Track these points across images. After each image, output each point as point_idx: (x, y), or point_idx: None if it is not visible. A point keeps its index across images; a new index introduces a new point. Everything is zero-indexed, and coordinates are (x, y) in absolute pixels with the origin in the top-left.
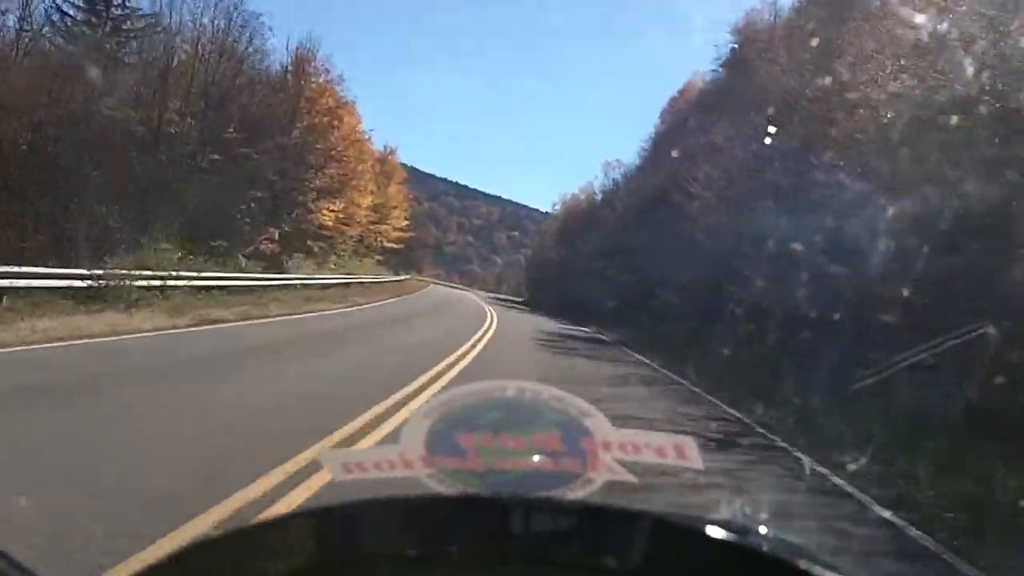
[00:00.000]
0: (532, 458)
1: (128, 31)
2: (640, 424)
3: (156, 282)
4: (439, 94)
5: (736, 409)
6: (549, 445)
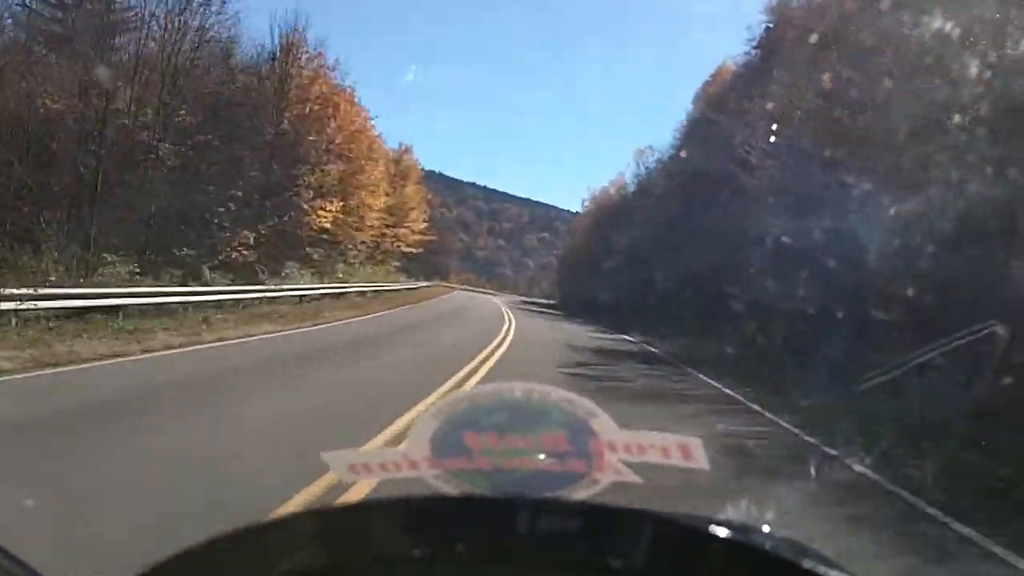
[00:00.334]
0: (538, 458)
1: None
2: None
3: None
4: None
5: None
6: (555, 446)
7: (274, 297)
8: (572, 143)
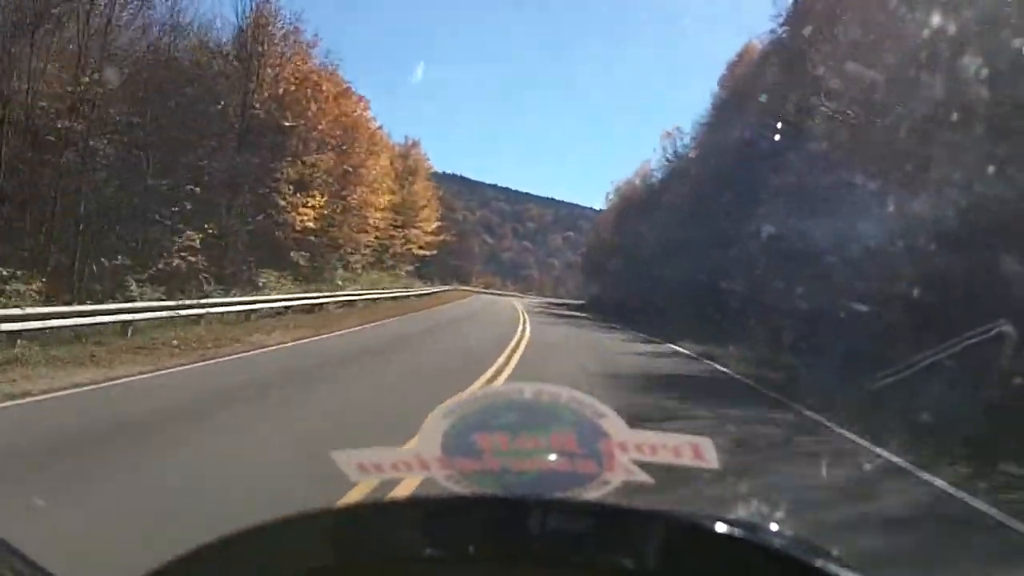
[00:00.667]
0: (548, 459)
1: None
2: None
3: None
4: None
5: None
6: (566, 446)
7: (243, 311)
8: (593, 140)
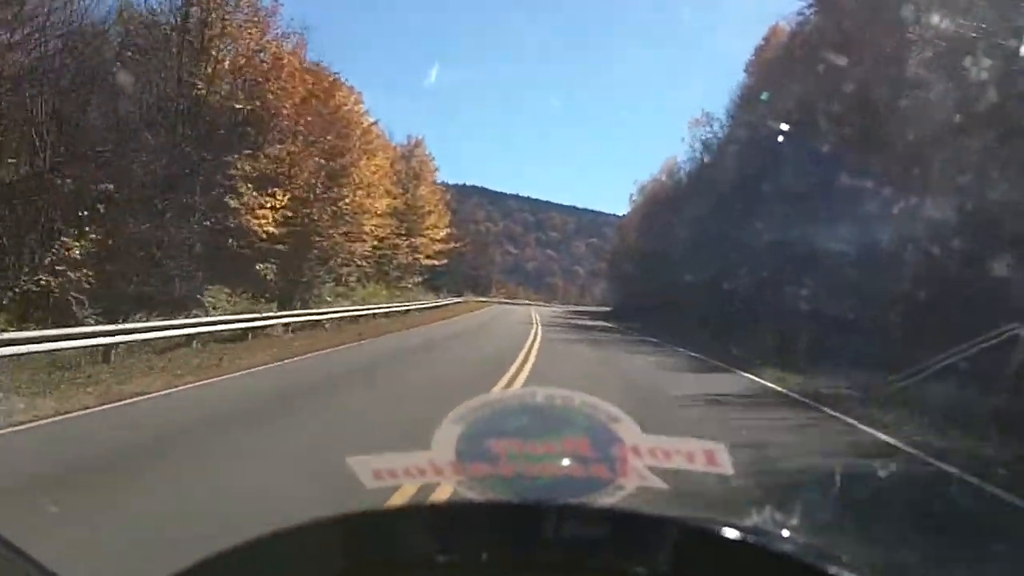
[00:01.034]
0: (562, 463)
1: None
2: None
3: None
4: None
5: None
6: (579, 451)
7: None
8: (613, 147)
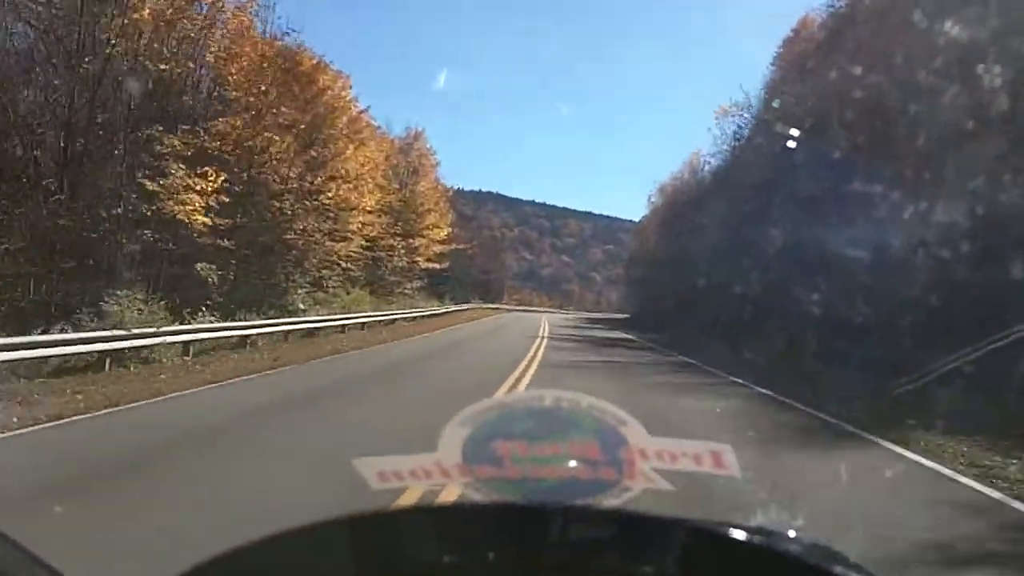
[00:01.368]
0: (568, 466)
1: None
2: None
3: None
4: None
5: None
6: (587, 453)
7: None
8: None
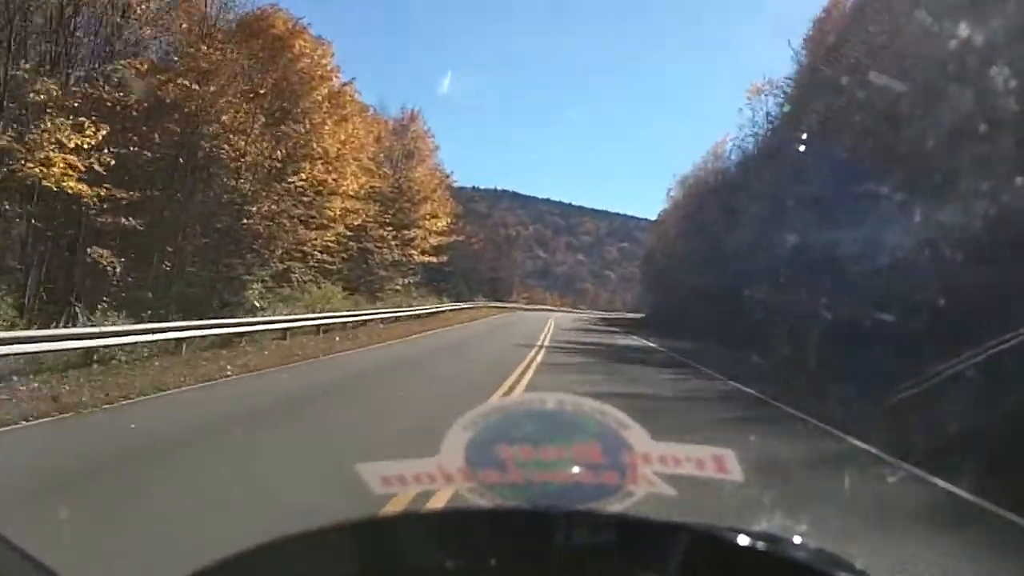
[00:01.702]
0: (571, 470)
1: None
2: None
3: None
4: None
5: None
6: (589, 457)
7: None
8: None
